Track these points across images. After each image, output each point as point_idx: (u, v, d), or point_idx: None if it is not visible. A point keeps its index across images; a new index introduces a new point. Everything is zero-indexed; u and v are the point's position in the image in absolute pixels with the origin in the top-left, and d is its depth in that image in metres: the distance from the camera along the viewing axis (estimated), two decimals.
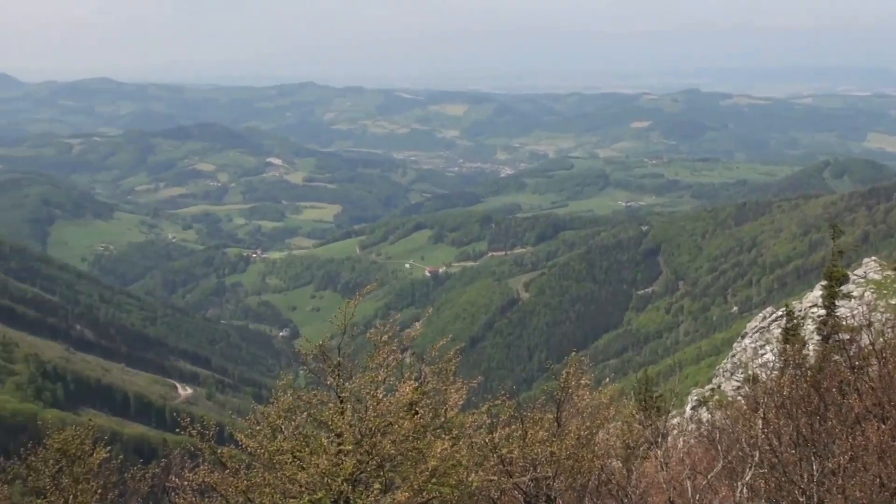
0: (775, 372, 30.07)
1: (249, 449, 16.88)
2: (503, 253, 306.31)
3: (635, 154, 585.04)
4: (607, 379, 23.56)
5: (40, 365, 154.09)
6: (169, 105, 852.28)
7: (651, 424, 23.47)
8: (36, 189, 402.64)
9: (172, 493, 18.37)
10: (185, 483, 17.46)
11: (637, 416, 24.70)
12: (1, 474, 23.34)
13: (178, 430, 18.23)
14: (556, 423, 20.41)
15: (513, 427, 19.12)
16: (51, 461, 20.31)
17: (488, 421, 18.81)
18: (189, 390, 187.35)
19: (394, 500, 16.01)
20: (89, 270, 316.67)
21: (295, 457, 16.29)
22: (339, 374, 17.06)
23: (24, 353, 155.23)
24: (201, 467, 17.18)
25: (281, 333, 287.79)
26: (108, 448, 21.36)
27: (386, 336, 17.72)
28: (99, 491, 20.28)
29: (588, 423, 20.33)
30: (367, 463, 16.02)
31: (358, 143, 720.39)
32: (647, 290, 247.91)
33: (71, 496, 19.95)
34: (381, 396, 16.68)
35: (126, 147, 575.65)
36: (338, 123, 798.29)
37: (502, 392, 19.81)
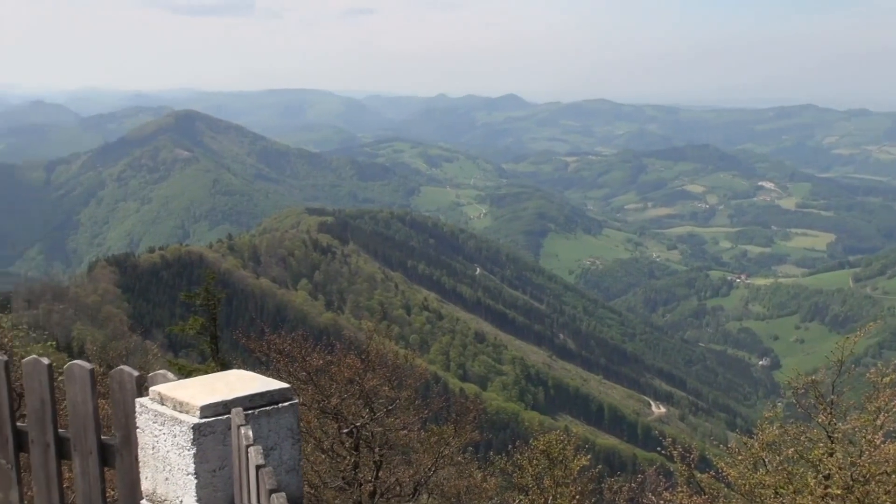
0: None
1: (729, 478, 16.43)
2: None
3: None
4: None
5: (525, 368, 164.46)
6: (663, 126, 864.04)
7: None
8: (533, 203, 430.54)
9: None
10: (662, 502, 17.41)
11: None
12: (488, 467, 24.95)
13: (658, 448, 18.24)
14: None
15: None
16: (534, 461, 21.21)
17: None
18: (662, 409, 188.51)
19: None
20: (575, 283, 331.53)
21: (777, 493, 15.57)
22: (831, 413, 16.04)
23: (511, 356, 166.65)
24: (680, 489, 17.00)
25: (760, 362, 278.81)
26: (588, 456, 21.85)
27: (888, 378, 16.34)
28: (576, 497, 20.75)
29: None
30: None
31: (859, 169, 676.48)
32: None
33: (551, 497, 20.66)
34: (878, 442, 15.40)
35: (619, 166, 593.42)
36: (838, 148, 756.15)
37: None
